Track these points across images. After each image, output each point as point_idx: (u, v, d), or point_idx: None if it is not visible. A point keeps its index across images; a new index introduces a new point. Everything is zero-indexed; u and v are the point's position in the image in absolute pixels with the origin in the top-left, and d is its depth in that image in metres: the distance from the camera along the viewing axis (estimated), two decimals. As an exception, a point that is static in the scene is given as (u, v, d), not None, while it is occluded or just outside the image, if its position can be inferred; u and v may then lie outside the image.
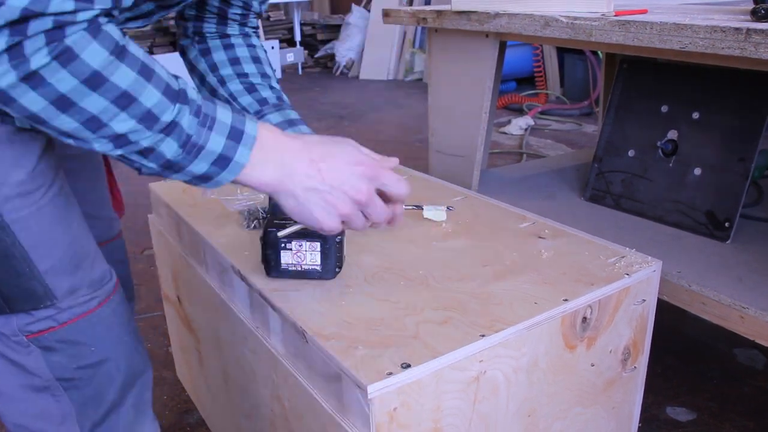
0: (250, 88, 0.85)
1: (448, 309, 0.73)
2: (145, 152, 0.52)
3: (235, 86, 0.85)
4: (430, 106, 1.53)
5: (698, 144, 1.22)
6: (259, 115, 0.84)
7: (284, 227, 0.79)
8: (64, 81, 0.47)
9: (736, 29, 0.86)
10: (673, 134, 1.26)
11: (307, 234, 0.78)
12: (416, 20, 1.43)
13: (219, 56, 0.86)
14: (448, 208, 1.00)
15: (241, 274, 0.84)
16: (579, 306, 0.75)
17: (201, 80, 0.89)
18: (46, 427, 0.68)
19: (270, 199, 0.97)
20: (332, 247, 0.78)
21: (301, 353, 0.73)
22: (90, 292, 0.66)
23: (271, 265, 0.80)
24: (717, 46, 0.88)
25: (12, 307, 0.62)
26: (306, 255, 0.78)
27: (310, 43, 6.08)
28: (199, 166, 0.55)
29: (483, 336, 0.67)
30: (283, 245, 0.78)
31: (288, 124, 0.84)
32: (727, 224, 1.15)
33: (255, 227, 0.98)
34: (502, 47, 1.37)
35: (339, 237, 0.79)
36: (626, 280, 0.80)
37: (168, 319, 1.33)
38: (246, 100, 0.85)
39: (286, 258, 0.79)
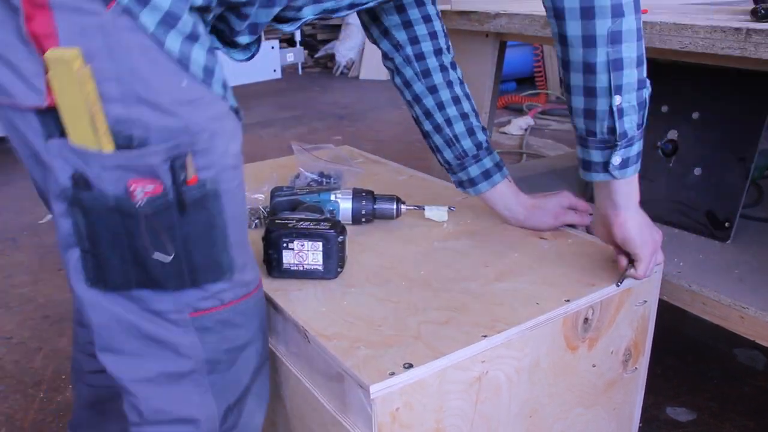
0: (470, 132, 0.95)
1: (449, 309, 0.73)
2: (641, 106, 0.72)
3: (459, 128, 0.94)
4: (430, 106, 1.52)
5: (698, 144, 1.22)
6: (476, 159, 0.94)
7: (286, 227, 0.79)
8: None
9: (736, 29, 0.86)
10: (673, 134, 1.26)
11: (308, 234, 0.78)
12: (416, 20, 1.43)
13: (445, 95, 0.95)
14: (449, 208, 1.00)
15: (242, 274, 0.84)
16: (581, 307, 0.75)
17: (425, 114, 0.96)
18: (188, 409, 0.67)
19: (271, 198, 0.97)
20: (334, 247, 0.78)
21: (302, 353, 0.73)
22: (250, 270, 0.68)
23: (273, 265, 0.80)
24: (717, 46, 0.89)
25: (196, 279, 0.62)
26: (308, 255, 0.78)
27: (310, 43, 6.08)
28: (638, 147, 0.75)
29: (485, 336, 0.67)
30: (285, 245, 0.78)
31: (497, 168, 0.95)
32: (727, 224, 1.15)
33: (256, 226, 0.98)
34: (502, 47, 1.37)
35: (341, 237, 0.79)
36: (628, 280, 0.80)
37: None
38: (467, 143, 0.94)
39: (288, 258, 0.79)
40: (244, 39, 0.71)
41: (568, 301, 0.74)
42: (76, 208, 0.58)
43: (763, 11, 0.91)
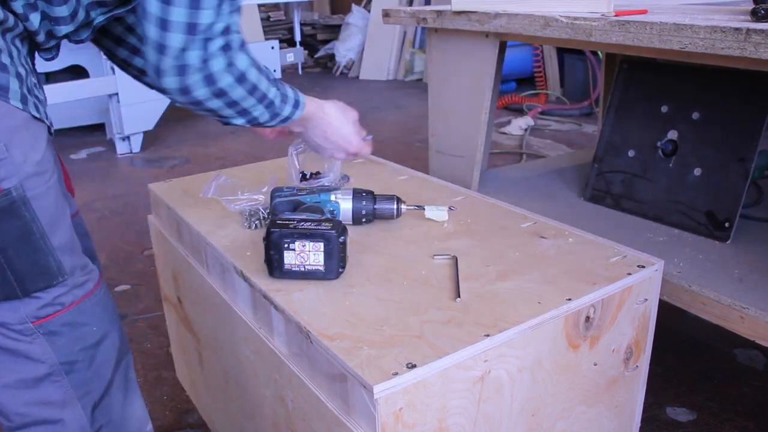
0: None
1: (451, 309, 0.73)
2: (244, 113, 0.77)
3: None
4: (430, 106, 1.53)
5: (698, 144, 1.22)
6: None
7: (287, 227, 0.79)
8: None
9: (736, 29, 0.86)
10: (673, 134, 1.26)
11: (309, 234, 0.78)
12: (416, 20, 1.43)
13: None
14: (449, 208, 1.00)
15: (244, 274, 0.84)
16: (582, 305, 0.75)
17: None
18: (50, 412, 0.71)
19: (271, 199, 0.97)
20: (335, 248, 0.78)
21: (304, 354, 0.73)
22: (83, 274, 0.71)
23: (274, 265, 0.80)
24: (717, 46, 0.89)
25: (25, 287, 0.65)
26: (309, 255, 0.78)
27: (310, 43, 6.08)
28: (286, 110, 0.83)
29: (487, 335, 0.67)
30: (286, 245, 0.78)
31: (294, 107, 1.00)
32: (727, 224, 1.15)
33: (256, 227, 0.98)
34: (502, 47, 1.37)
35: (342, 237, 0.79)
36: (629, 279, 0.80)
37: (168, 320, 1.33)
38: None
39: (290, 258, 0.79)
40: (48, 44, 0.74)
41: (570, 299, 0.74)
42: None
43: (762, 11, 0.91)
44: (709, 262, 1.08)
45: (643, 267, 0.82)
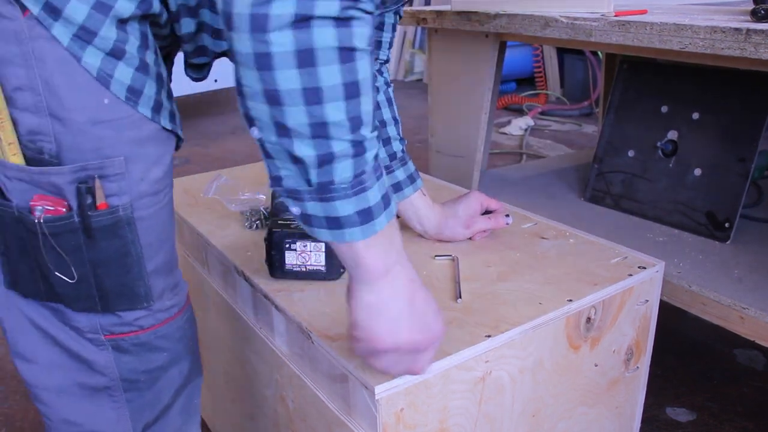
0: (385, 141, 0.88)
1: (452, 309, 0.73)
2: (323, 160, 0.48)
3: None
4: (430, 106, 1.53)
5: (698, 144, 1.22)
6: (388, 170, 0.88)
7: (288, 227, 0.79)
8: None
9: (736, 29, 0.86)
10: (673, 134, 1.26)
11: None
12: (416, 20, 1.43)
13: None
14: (450, 208, 1.00)
15: (245, 274, 0.84)
16: (583, 306, 0.75)
17: None
18: (101, 425, 0.66)
19: (272, 199, 0.97)
20: (336, 248, 0.78)
21: (306, 354, 0.73)
22: (171, 296, 0.66)
23: (275, 265, 0.80)
24: (717, 46, 0.89)
25: (107, 305, 0.60)
26: (310, 255, 0.78)
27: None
28: (345, 208, 0.50)
29: (489, 336, 0.67)
30: (287, 246, 0.78)
31: (410, 180, 0.90)
32: (727, 224, 1.15)
33: (257, 227, 0.98)
34: (502, 47, 1.37)
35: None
36: (629, 280, 0.80)
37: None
38: (381, 153, 0.84)
39: (291, 259, 0.79)
40: (195, 60, 0.67)
41: (571, 300, 0.74)
42: None
43: (762, 11, 0.92)
44: (709, 262, 1.08)
45: (644, 268, 0.83)
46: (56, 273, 0.58)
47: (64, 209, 0.56)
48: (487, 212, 0.92)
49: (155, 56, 0.59)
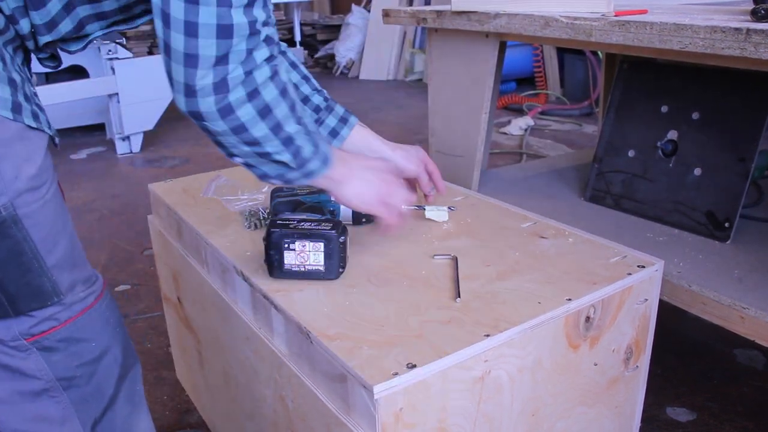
0: (305, 100, 0.93)
1: (451, 309, 0.73)
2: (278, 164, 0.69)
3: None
4: (430, 106, 1.53)
5: (698, 144, 1.22)
6: (318, 122, 0.93)
7: (287, 227, 0.79)
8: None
9: (736, 29, 0.86)
10: (673, 134, 1.26)
11: (309, 234, 0.78)
12: (416, 20, 1.43)
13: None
14: (449, 208, 1.00)
15: (244, 274, 0.84)
16: (582, 305, 0.75)
17: None
18: (48, 429, 0.68)
19: (271, 199, 0.97)
20: (336, 248, 0.78)
21: (305, 354, 0.73)
22: (84, 288, 0.68)
23: (274, 265, 0.80)
24: (717, 46, 0.89)
25: (17, 308, 0.61)
26: (309, 255, 0.78)
27: (310, 43, 6.07)
28: (314, 165, 0.72)
29: (488, 336, 0.67)
30: (286, 245, 0.78)
31: (342, 122, 0.95)
32: (727, 224, 1.15)
33: (256, 227, 0.98)
34: (502, 47, 1.37)
35: (342, 237, 0.79)
36: (629, 279, 0.80)
37: (168, 320, 1.33)
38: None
39: (290, 258, 0.79)
40: (40, 55, 0.70)
41: (570, 300, 0.74)
42: None
43: (763, 11, 0.91)
44: (709, 262, 1.08)
45: (643, 267, 0.83)
46: None
47: None
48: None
49: (2, 63, 0.61)
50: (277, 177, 0.71)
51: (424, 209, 0.99)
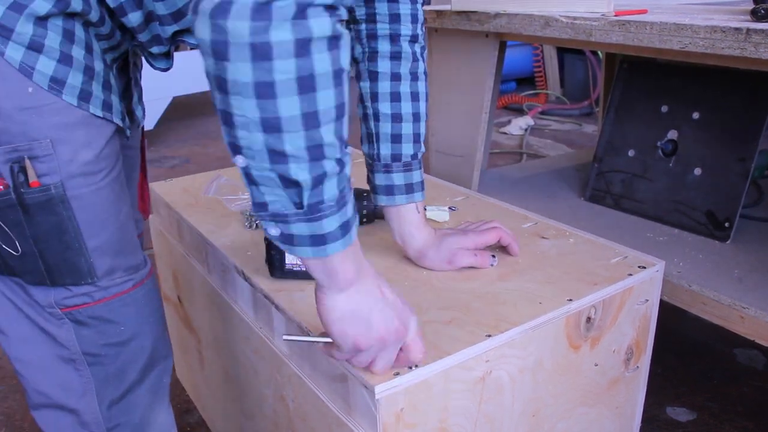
0: (395, 138, 0.82)
1: (452, 309, 0.73)
2: (317, 181, 0.50)
3: (384, 129, 0.82)
4: (430, 106, 1.52)
5: (698, 144, 1.22)
6: (386, 170, 0.82)
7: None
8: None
9: (736, 29, 0.86)
10: (673, 134, 1.26)
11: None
12: (417, 20, 1.43)
13: (384, 87, 0.82)
14: (450, 208, 1.00)
15: (245, 274, 0.84)
16: (583, 306, 0.75)
17: (360, 97, 0.85)
18: (68, 397, 0.71)
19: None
20: (336, 248, 0.78)
21: (305, 353, 0.73)
22: (126, 275, 0.70)
23: (275, 265, 0.80)
24: (717, 46, 0.89)
25: (53, 279, 0.65)
26: (310, 255, 0.78)
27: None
28: (331, 224, 0.52)
29: (489, 336, 0.67)
30: (287, 246, 0.78)
31: (406, 189, 0.82)
32: (727, 224, 1.15)
33: (257, 227, 0.98)
34: (502, 47, 1.37)
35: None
36: (629, 280, 0.80)
37: (168, 319, 1.33)
38: (385, 149, 0.82)
39: (291, 258, 0.79)
40: (155, 49, 0.72)
41: (571, 300, 0.74)
42: None
43: (762, 11, 0.92)
44: (709, 262, 1.08)
45: (644, 268, 0.83)
46: (3, 246, 0.63)
47: (1, 186, 0.60)
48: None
49: (85, 52, 0.63)
50: (272, 216, 0.52)
51: (425, 210, 0.99)
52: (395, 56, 0.82)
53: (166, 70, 0.76)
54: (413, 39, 0.82)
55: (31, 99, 0.59)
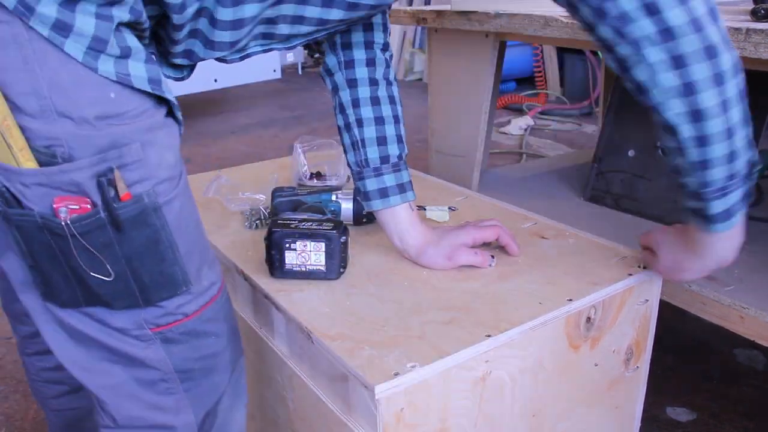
0: (381, 140, 0.84)
1: (453, 309, 0.73)
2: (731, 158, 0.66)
3: (369, 133, 0.84)
4: (430, 106, 1.53)
5: (698, 144, 1.22)
6: (377, 173, 0.84)
7: (288, 227, 0.79)
8: None
9: (736, 29, 0.86)
10: (673, 134, 1.26)
11: (310, 234, 0.78)
12: (416, 20, 1.43)
13: (363, 92, 0.85)
14: (450, 208, 1.00)
15: (245, 274, 0.84)
16: (583, 306, 0.75)
17: (340, 107, 0.86)
18: (162, 418, 0.66)
19: (272, 199, 0.97)
20: (337, 248, 0.78)
21: (306, 354, 0.73)
22: (209, 272, 0.66)
23: (275, 265, 0.80)
24: (718, 46, 0.89)
25: (148, 297, 0.60)
26: (310, 255, 0.78)
27: (309, 43, 6.07)
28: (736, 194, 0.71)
29: (489, 336, 0.67)
30: (287, 245, 0.78)
31: (398, 189, 0.84)
32: (727, 224, 1.15)
33: (257, 227, 0.98)
34: (502, 47, 1.37)
35: (343, 237, 0.79)
36: (630, 280, 0.80)
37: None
38: (373, 152, 0.84)
39: (291, 258, 0.79)
40: (178, 60, 0.69)
41: (571, 300, 0.74)
42: (10, 224, 0.56)
43: (762, 11, 0.92)
44: (710, 262, 1.08)
45: (644, 268, 0.83)
46: (92, 274, 0.57)
47: (89, 206, 0.55)
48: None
49: (146, 51, 0.59)
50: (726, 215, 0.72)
51: (425, 210, 0.99)
52: (370, 63, 0.85)
53: (179, 80, 0.72)
54: (384, 47, 0.86)
55: (113, 105, 0.54)
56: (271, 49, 0.72)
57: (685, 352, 1.49)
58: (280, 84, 4.84)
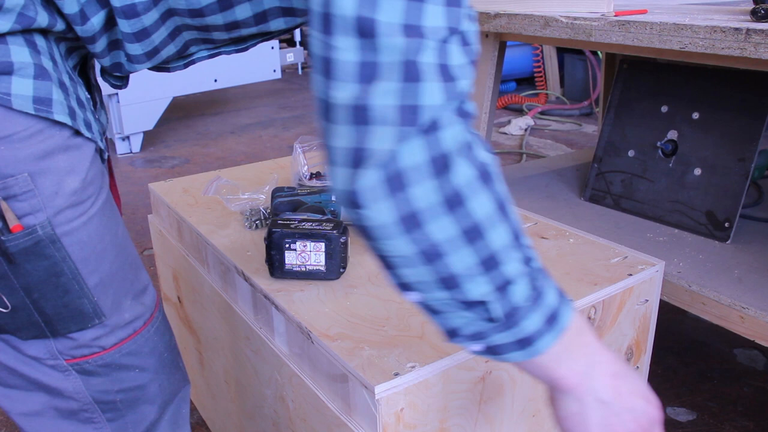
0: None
1: (452, 309, 0.73)
2: (501, 290, 0.45)
3: None
4: (430, 106, 1.52)
5: (698, 144, 1.22)
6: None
7: (288, 227, 0.79)
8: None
9: (736, 29, 0.86)
10: (673, 134, 1.26)
11: (310, 234, 0.78)
12: (417, 21, 1.43)
13: None
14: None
15: (245, 274, 0.84)
16: (583, 306, 0.75)
17: None
18: None
19: (272, 199, 0.97)
20: (337, 248, 0.78)
21: (305, 354, 0.73)
22: (134, 305, 0.62)
23: (275, 265, 0.80)
24: (717, 46, 0.89)
25: (54, 330, 0.57)
26: (310, 255, 0.78)
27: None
28: (533, 322, 0.47)
29: (488, 336, 0.67)
30: (287, 245, 0.78)
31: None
32: (727, 224, 1.15)
33: (257, 227, 0.98)
34: (502, 47, 1.37)
35: (343, 237, 0.79)
36: (629, 280, 0.80)
37: (168, 320, 1.33)
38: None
39: (291, 258, 0.79)
40: (116, 72, 0.64)
41: (571, 300, 0.74)
42: None
43: (762, 11, 0.92)
44: (709, 262, 1.08)
45: (644, 268, 0.83)
46: None
47: None
48: None
49: (52, 62, 0.55)
50: (468, 338, 0.48)
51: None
52: None
53: (118, 87, 0.68)
54: None
55: None
56: (220, 53, 0.68)
57: (685, 352, 1.49)
58: (280, 84, 4.84)
